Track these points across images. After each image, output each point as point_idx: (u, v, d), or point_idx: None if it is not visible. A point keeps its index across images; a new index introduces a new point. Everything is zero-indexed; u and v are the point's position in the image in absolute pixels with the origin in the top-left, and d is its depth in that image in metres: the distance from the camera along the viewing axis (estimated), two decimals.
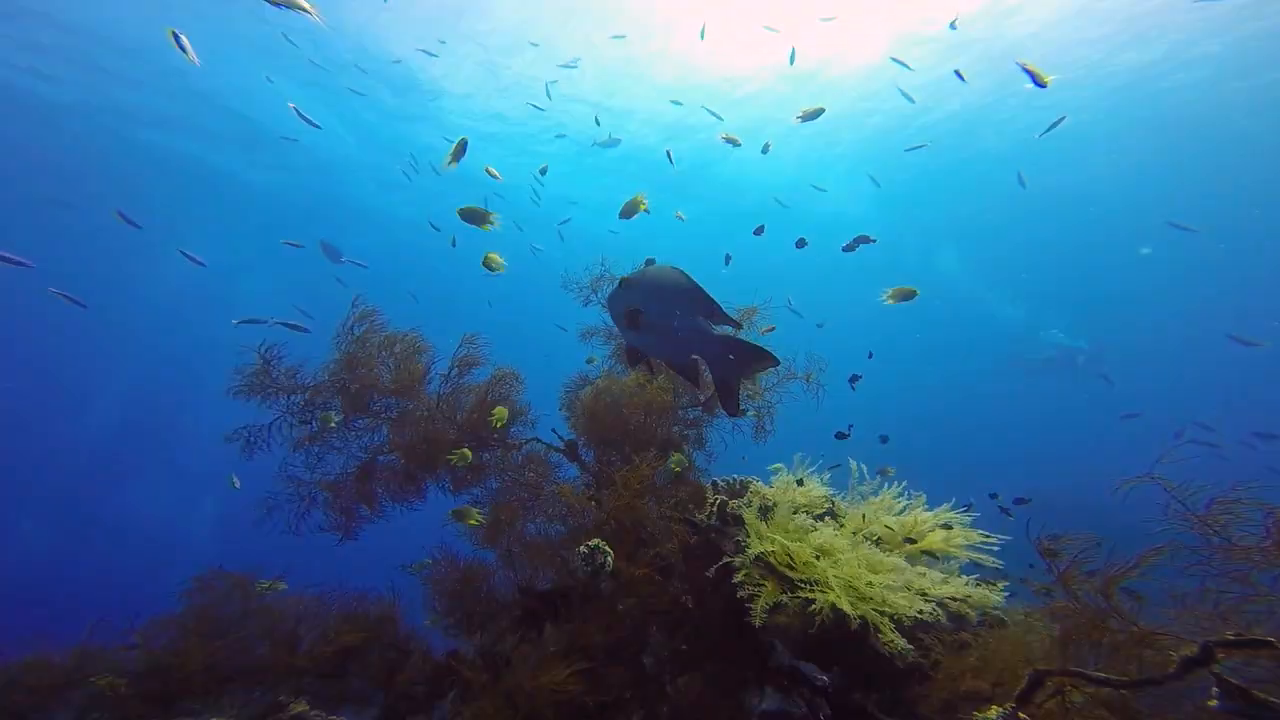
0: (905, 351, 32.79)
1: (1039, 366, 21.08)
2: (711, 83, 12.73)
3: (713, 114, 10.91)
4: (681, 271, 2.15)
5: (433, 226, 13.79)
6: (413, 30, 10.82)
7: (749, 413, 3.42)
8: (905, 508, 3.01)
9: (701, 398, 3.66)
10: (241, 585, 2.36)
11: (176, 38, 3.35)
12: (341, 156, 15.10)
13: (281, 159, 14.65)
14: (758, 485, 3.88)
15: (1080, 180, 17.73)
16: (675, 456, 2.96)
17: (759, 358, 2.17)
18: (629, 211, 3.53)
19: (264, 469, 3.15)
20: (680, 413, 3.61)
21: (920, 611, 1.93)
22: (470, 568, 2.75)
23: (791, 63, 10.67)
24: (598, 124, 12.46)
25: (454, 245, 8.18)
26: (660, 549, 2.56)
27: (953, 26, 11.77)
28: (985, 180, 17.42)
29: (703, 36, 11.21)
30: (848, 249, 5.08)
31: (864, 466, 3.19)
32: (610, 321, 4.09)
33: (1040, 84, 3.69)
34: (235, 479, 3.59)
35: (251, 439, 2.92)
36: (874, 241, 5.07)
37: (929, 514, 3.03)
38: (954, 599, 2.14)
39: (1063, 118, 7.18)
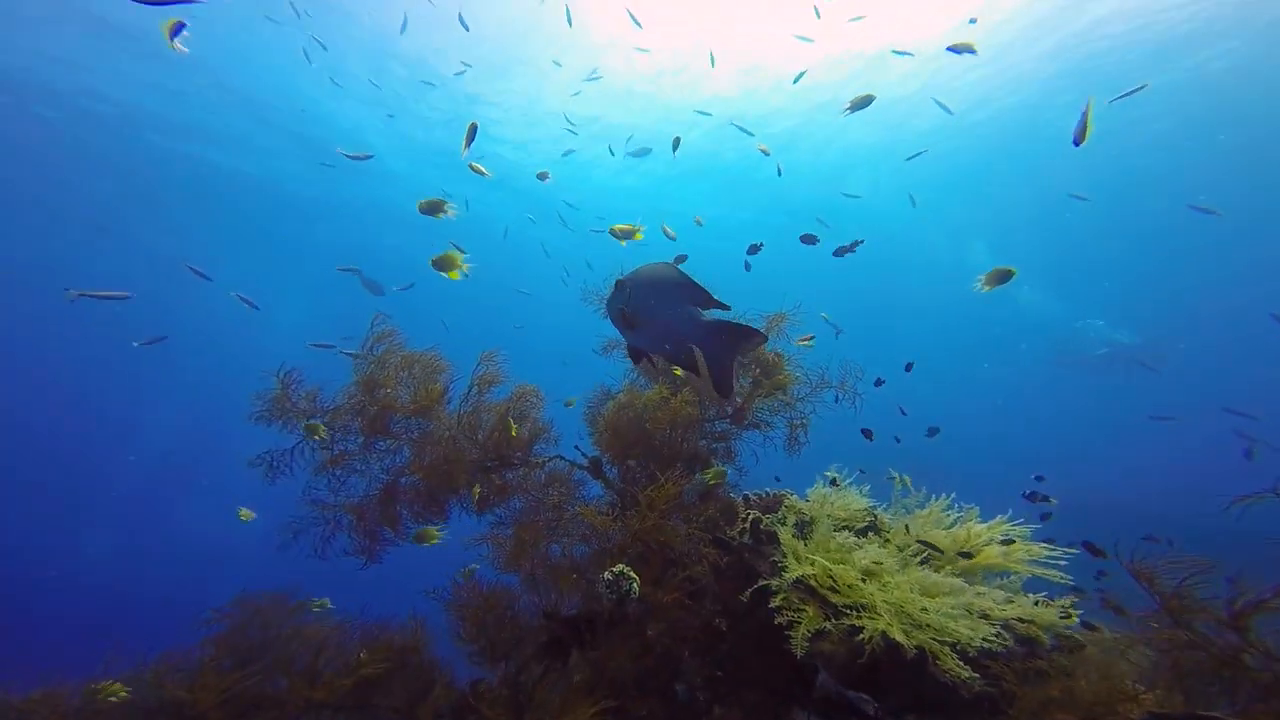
0: (940, 352, 31.69)
1: (1092, 364, 20.03)
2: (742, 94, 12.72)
3: (744, 130, 10.83)
4: (670, 265, 2.21)
5: (505, 233, 14.13)
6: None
7: (779, 424, 3.26)
8: (956, 520, 2.79)
9: (729, 409, 3.50)
10: (261, 613, 2.31)
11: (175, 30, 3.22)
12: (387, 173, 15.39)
13: (326, 176, 15.04)
14: (792, 499, 3.68)
15: (1122, 168, 16.94)
16: (713, 470, 2.81)
17: (747, 335, 2.19)
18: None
19: (290, 492, 3.13)
20: (708, 425, 3.46)
21: (985, 638, 1.73)
22: (493, 592, 2.64)
23: (712, 63, 10.68)
24: (620, 151, 12.56)
25: (506, 235, 8.41)
26: (690, 571, 2.41)
27: (972, 22, 11.49)
28: (1017, 172, 16.83)
29: (713, 64, 11.25)
30: (839, 254, 4.87)
31: (908, 478, 2.98)
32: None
33: (1076, 140, 3.14)
34: (246, 512, 3.57)
35: (274, 463, 2.90)
36: (863, 243, 4.87)
37: (983, 526, 2.80)
38: (1021, 620, 1.93)
39: (1144, 85, 6.58)
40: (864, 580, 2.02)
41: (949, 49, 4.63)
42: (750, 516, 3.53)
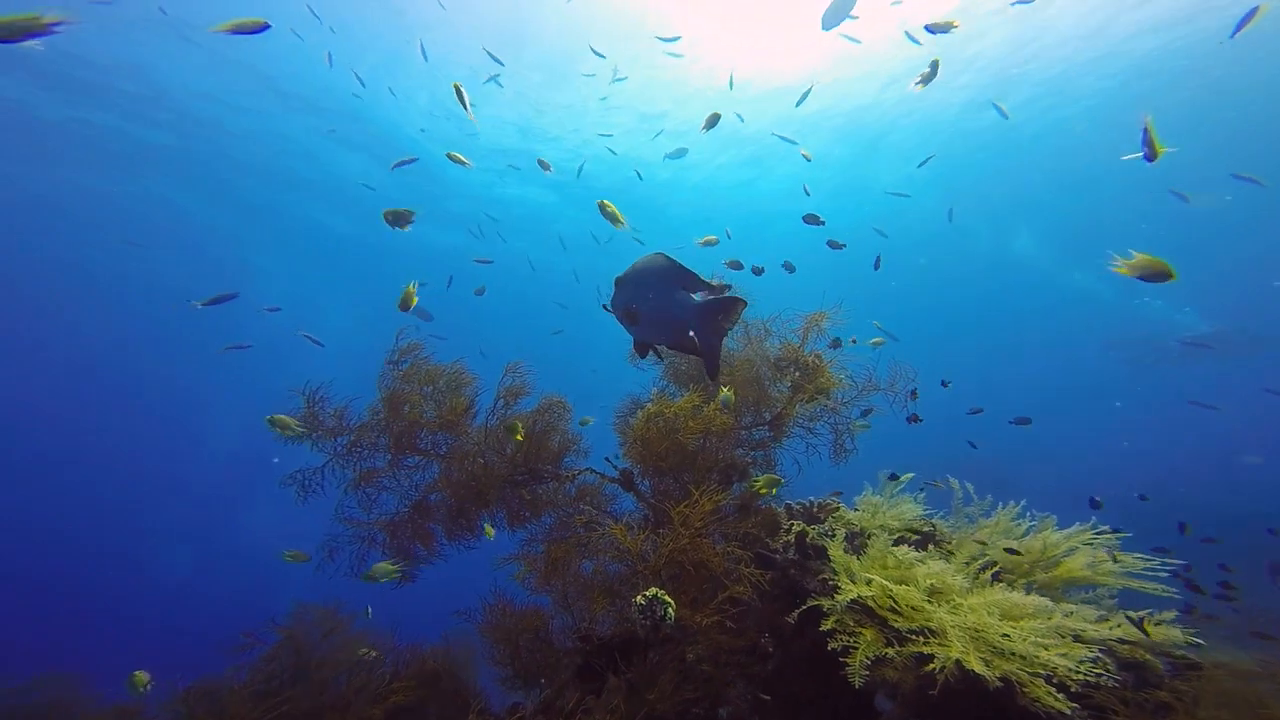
0: (986, 346, 30.10)
1: (1171, 353, 18.51)
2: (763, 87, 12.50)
3: (787, 140, 10.58)
4: (662, 254, 2.23)
5: (594, 238, 14.29)
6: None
7: (823, 430, 3.05)
8: (1029, 529, 2.51)
9: (767, 416, 3.31)
10: (293, 639, 2.26)
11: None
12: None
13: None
14: (840, 509, 3.45)
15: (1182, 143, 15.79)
16: (763, 478, 2.64)
17: (728, 307, 2.21)
18: None
19: (324, 510, 3.12)
20: (744, 434, 3.28)
21: (1082, 665, 1.48)
22: (526, 613, 2.53)
23: (731, 87, 10.38)
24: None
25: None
26: (731, 591, 2.23)
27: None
28: (1057, 153, 15.89)
29: (731, 87, 11.13)
30: (809, 220, 4.62)
31: (970, 485, 2.72)
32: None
33: (1149, 157, 2.71)
34: (296, 554, 3.63)
35: (306, 482, 2.89)
36: (823, 223, 4.61)
37: (1060, 535, 2.51)
38: (1124, 642, 1.66)
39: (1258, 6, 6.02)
40: (930, 601, 1.81)
41: (926, 28, 4.32)
42: (794, 529, 3.32)
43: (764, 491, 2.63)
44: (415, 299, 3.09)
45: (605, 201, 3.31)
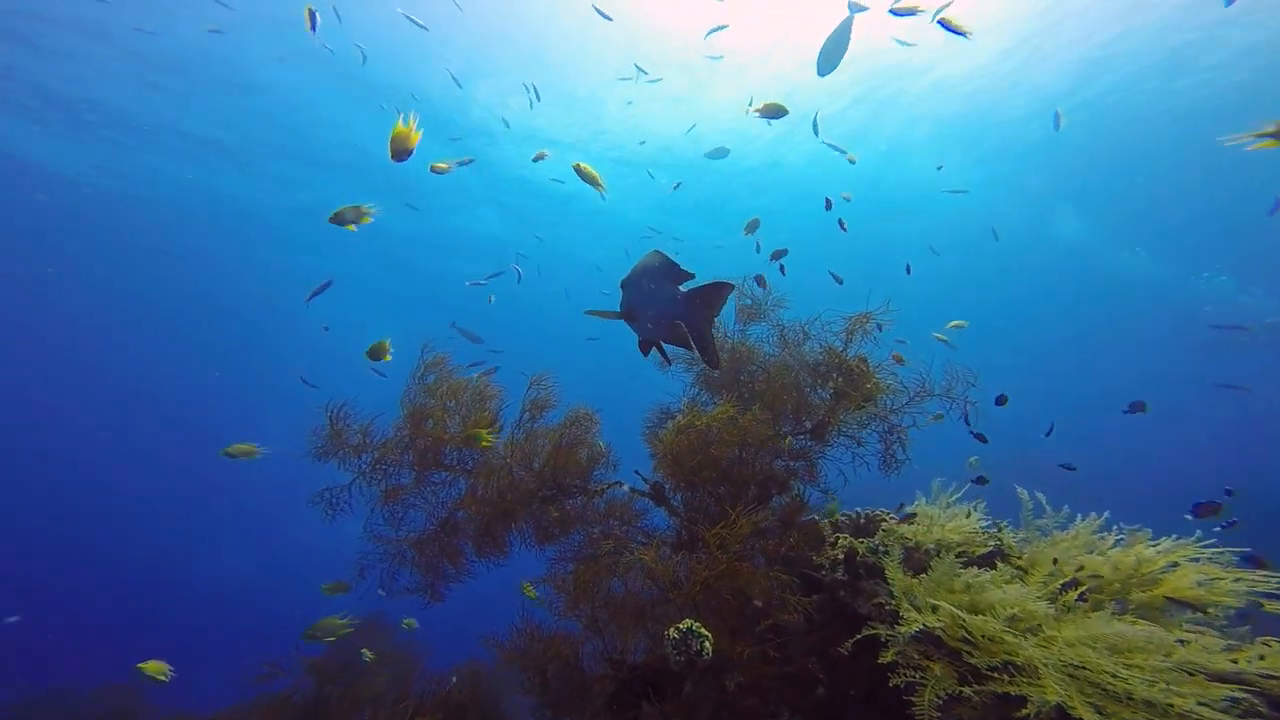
0: (1040, 338, 28.04)
1: (1247, 339, 16.78)
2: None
3: (835, 148, 10.36)
4: (657, 252, 2.30)
5: (652, 230, 14.42)
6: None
7: (871, 439, 2.81)
8: (1116, 543, 2.21)
9: (808, 424, 3.09)
10: (318, 668, 2.17)
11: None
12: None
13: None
14: (891, 521, 3.18)
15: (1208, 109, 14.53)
16: (830, 506, 2.45)
17: (715, 290, 2.25)
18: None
19: (353, 528, 3.07)
20: (784, 442, 3.07)
21: (1229, 712, 1.22)
22: (554, 639, 2.38)
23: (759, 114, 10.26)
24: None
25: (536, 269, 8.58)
26: (775, 619, 2.02)
27: None
28: (1099, 131, 14.86)
29: (750, 106, 11.02)
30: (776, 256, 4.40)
31: (1041, 495, 2.44)
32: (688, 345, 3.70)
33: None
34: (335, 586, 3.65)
35: (334, 500, 2.84)
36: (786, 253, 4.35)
37: (1152, 550, 2.20)
38: (1270, 676, 1.38)
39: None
40: (1013, 632, 1.56)
41: (941, 24, 3.96)
42: (840, 542, 3.07)
43: (834, 517, 2.43)
44: (388, 353, 3.14)
45: (581, 164, 3.25)
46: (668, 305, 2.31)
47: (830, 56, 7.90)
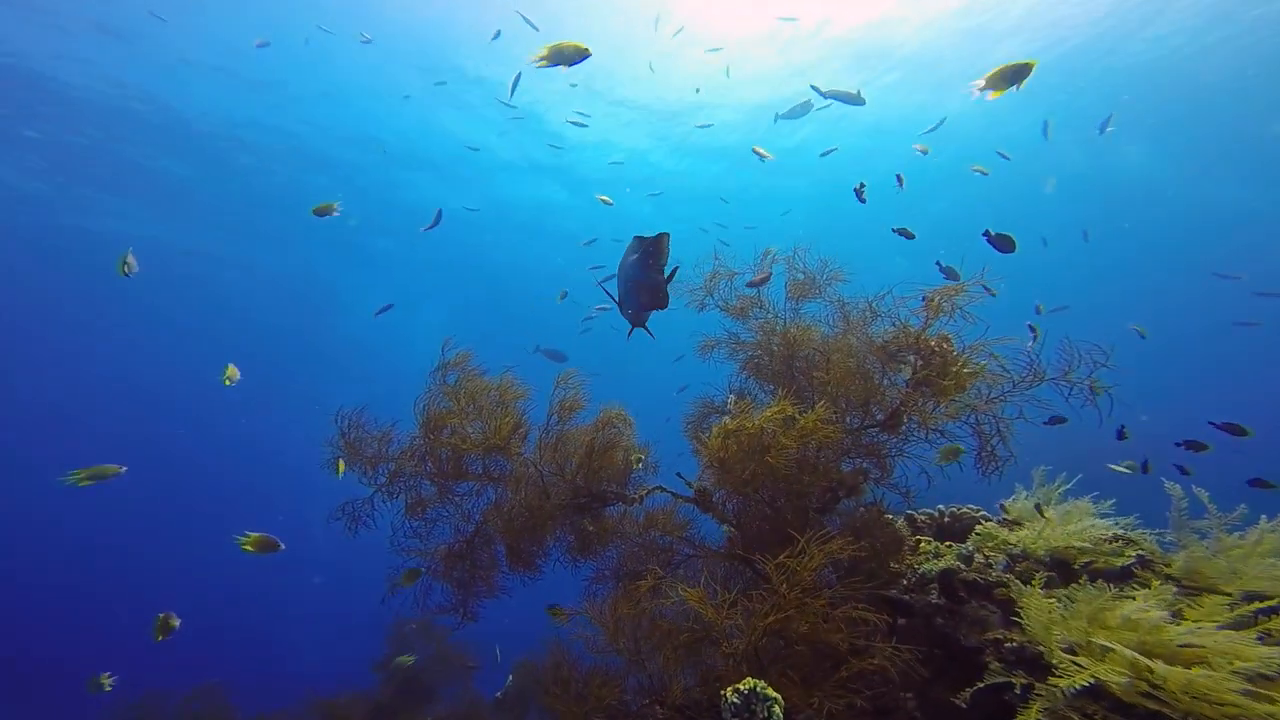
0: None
1: None
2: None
3: (921, 153, 9.56)
4: (636, 236, 2.28)
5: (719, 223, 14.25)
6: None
7: (962, 432, 2.32)
8: None
9: (879, 415, 2.63)
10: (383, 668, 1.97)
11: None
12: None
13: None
14: (988, 524, 2.69)
15: None
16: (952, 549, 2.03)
17: (655, 241, 2.22)
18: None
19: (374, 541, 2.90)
20: (848, 440, 2.62)
21: None
22: (592, 677, 2.09)
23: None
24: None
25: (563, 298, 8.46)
26: (861, 664, 1.63)
27: None
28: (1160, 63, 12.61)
29: (775, 123, 10.25)
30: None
31: (1202, 491, 1.90)
32: (735, 332, 3.28)
33: None
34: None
35: (356, 513, 2.66)
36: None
37: None
38: None
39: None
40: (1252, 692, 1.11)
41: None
42: (926, 549, 2.62)
43: (928, 554, 2.00)
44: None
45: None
46: (630, 275, 2.33)
47: (831, 96, 8.01)
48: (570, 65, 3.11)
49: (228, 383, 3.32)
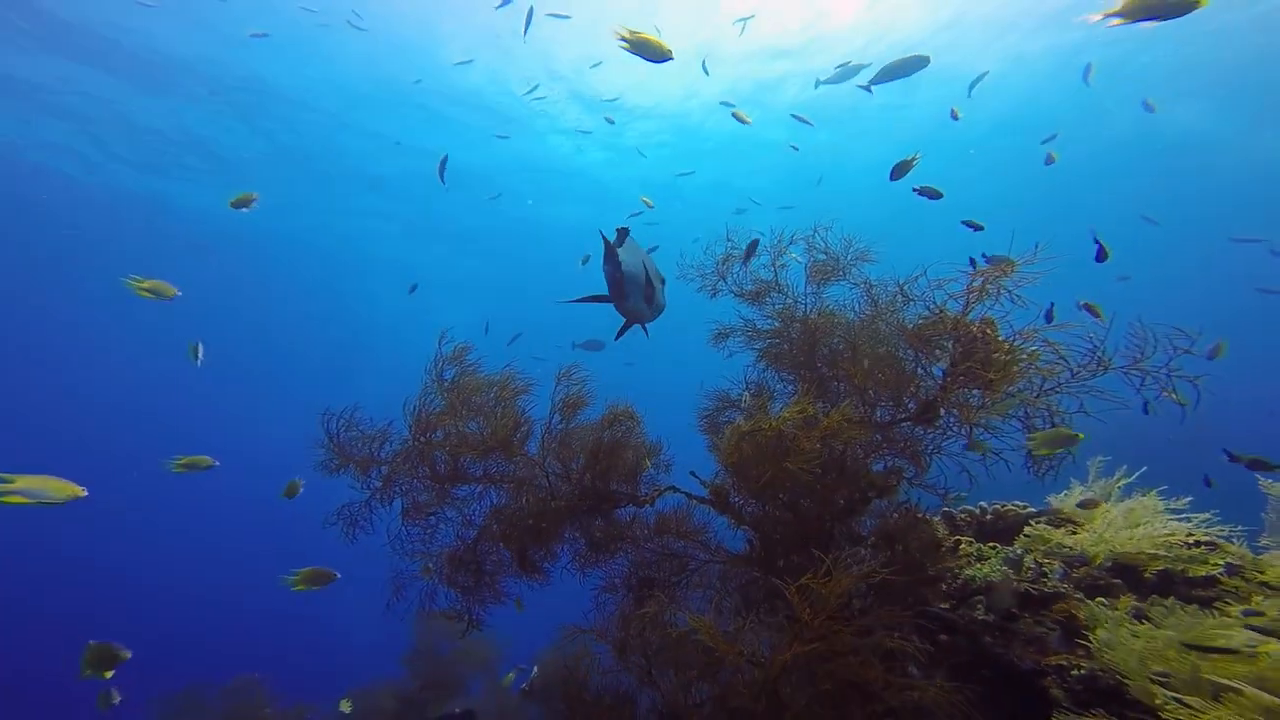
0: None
1: None
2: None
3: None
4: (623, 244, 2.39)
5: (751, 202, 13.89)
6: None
7: (1009, 428, 2.06)
8: None
9: (911, 405, 2.38)
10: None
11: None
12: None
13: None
14: (1038, 525, 2.43)
15: None
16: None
17: (619, 237, 2.33)
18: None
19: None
20: (877, 436, 2.38)
21: None
22: (601, 699, 1.93)
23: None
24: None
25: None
26: (899, 697, 1.43)
27: None
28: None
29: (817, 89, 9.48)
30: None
31: None
32: (751, 319, 3.06)
33: None
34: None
35: (354, 517, 2.54)
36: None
37: None
38: None
39: None
40: None
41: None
42: (966, 551, 2.38)
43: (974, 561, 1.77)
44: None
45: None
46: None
47: (888, 74, 7.42)
48: (653, 61, 3.10)
49: (196, 359, 3.34)
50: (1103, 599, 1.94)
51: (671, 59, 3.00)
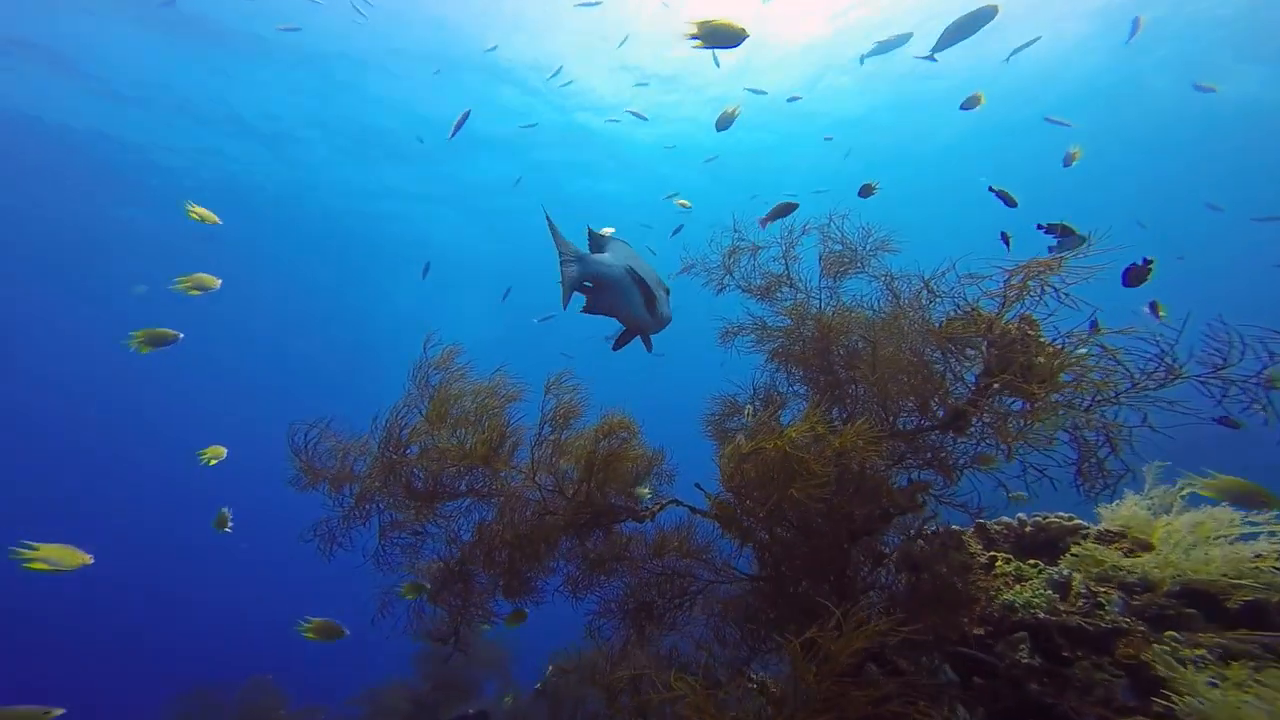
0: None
1: None
2: None
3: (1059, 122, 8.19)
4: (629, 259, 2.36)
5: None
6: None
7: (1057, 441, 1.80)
8: None
9: (939, 412, 2.12)
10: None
11: None
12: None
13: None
14: (1088, 544, 2.15)
15: None
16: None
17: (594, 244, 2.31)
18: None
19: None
20: (901, 445, 2.14)
21: None
22: None
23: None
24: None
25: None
26: None
27: None
28: None
29: (861, 65, 9.19)
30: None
31: None
32: (760, 316, 2.82)
33: None
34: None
35: (331, 534, 2.38)
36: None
37: None
38: None
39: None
40: None
41: None
42: (1013, 574, 2.12)
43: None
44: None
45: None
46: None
47: (951, 35, 6.79)
48: (730, 48, 2.93)
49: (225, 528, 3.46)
50: (1174, 633, 1.68)
51: (748, 37, 2.84)
